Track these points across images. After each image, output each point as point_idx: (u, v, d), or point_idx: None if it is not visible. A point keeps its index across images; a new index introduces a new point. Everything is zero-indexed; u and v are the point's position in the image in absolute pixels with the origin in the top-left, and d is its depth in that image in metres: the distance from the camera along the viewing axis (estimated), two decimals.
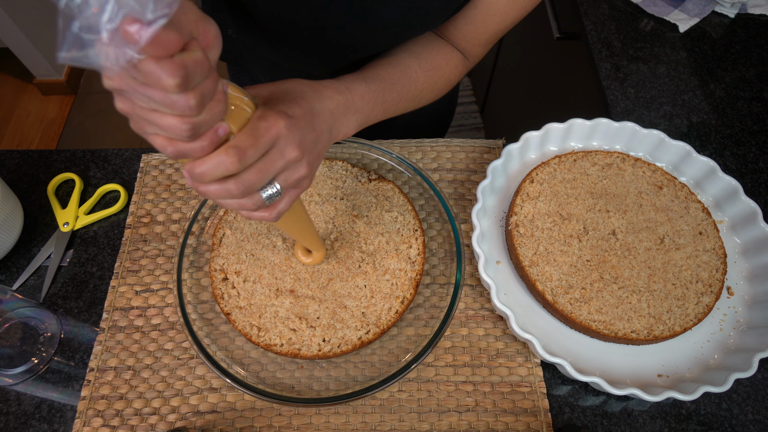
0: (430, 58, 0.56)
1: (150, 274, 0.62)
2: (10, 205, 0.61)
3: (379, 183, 0.65)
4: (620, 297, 0.55)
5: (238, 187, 0.35)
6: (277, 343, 0.55)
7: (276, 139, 0.36)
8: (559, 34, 0.96)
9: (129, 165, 0.70)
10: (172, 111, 0.28)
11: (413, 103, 0.56)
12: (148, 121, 0.30)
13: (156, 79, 0.26)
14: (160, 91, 0.27)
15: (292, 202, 0.41)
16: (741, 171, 0.68)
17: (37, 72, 1.96)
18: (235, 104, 0.34)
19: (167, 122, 0.29)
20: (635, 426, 0.53)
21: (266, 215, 0.39)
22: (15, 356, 0.56)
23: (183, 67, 0.26)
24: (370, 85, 0.49)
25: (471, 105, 1.93)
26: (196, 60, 0.27)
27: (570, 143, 0.66)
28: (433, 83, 0.57)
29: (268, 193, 0.38)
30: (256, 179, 0.35)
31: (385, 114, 0.52)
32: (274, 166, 0.36)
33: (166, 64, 0.25)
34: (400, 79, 0.53)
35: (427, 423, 0.54)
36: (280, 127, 0.36)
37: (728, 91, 0.75)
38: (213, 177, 0.33)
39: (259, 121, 0.35)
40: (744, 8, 0.82)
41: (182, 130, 0.29)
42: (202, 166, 0.33)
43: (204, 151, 0.32)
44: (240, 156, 0.33)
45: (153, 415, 0.54)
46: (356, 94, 0.46)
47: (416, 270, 0.59)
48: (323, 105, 0.42)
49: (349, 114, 0.46)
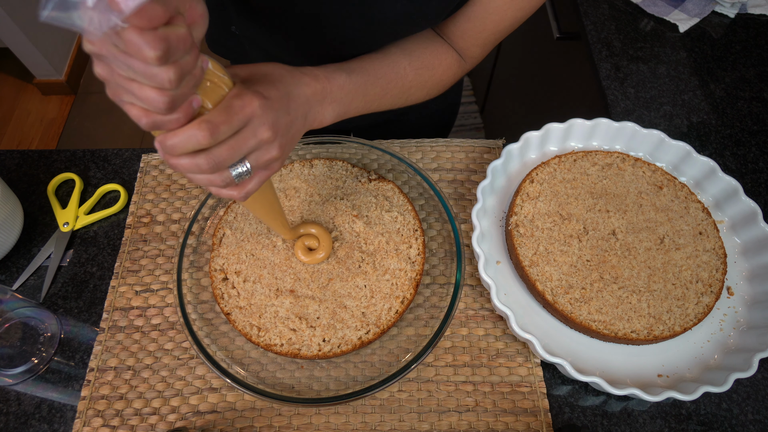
0: (422, 57, 0.56)
1: (150, 274, 0.62)
2: (10, 205, 0.61)
3: (379, 183, 0.65)
4: (620, 297, 0.55)
5: (208, 162, 0.35)
6: (277, 343, 0.55)
7: (249, 118, 0.36)
8: (559, 34, 0.96)
9: (129, 165, 0.70)
10: (150, 83, 0.29)
11: (400, 100, 0.56)
12: (126, 90, 0.30)
13: (137, 50, 0.26)
14: (141, 62, 0.27)
15: (261, 183, 0.41)
16: (741, 171, 0.68)
17: (37, 72, 1.96)
18: (213, 80, 0.34)
19: (145, 93, 0.29)
20: (635, 426, 0.53)
21: (234, 193, 0.39)
22: (15, 356, 0.56)
23: (165, 41, 0.26)
24: (352, 76, 0.49)
25: (471, 105, 1.93)
26: (179, 35, 0.27)
27: (570, 143, 0.66)
28: (423, 82, 0.57)
29: (238, 171, 0.38)
30: (227, 156, 0.36)
31: (367, 107, 0.52)
32: (246, 145, 0.37)
33: (149, 35, 0.26)
34: (387, 74, 0.53)
35: (427, 423, 0.54)
36: (255, 106, 0.36)
37: (728, 91, 0.75)
38: (184, 150, 0.34)
39: (234, 99, 0.35)
40: (744, 8, 0.82)
41: (159, 103, 0.30)
42: (174, 138, 0.33)
43: (178, 123, 0.33)
44: (212, 131, 0.33)
45: (153, 415, 0.54)
46: (335, 84, 0.47)
47: (416, 270, 0.59)
48: (300, 90, 0.42)
49: (326, 103, 0.46)
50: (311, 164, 0.66)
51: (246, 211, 0.63)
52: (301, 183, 0.64)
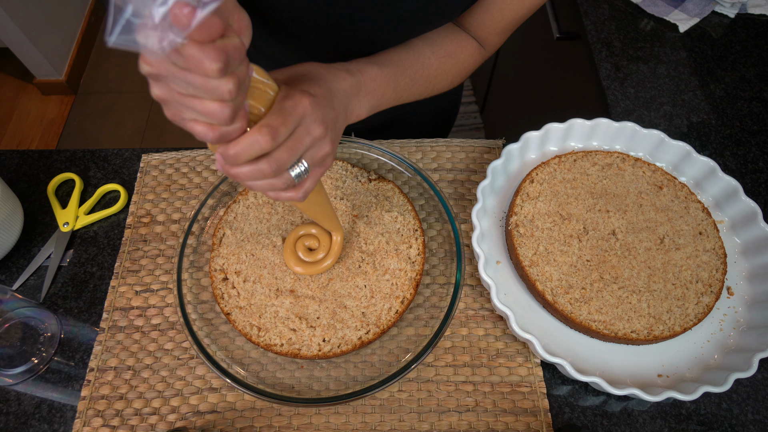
0: (444, 45, 0.56)
1: (150, 274, 0.62)
2: (10, 205, 0.61)
3: (379, 183, 0.65)
4: (620, 297, 0.55)
5: (271, 165, 0.35)
6: (277, 343, 0.55)
7: (302, 117, 0.37)
8: (559, 34, 0.96)
9: (129, 165, 0.70)
10: (211, 96, 0.29)
11: (427, 89, 0.57)
12: (187, 107, 0.30)
13: (198, 64, 0.27)
14: (201, 77, 0.28)
15: (317, 181, 0.42)
16: (741, 171, 0.68)
17: (37, 72, 1.96)
18: (259, 86, 0.35)
19: (207, 107, 0.30)
20: (635, 426, 0.53)
21: (293, 195, 0.40)
22: (15, 356, 0.56)
23: (224, 52, 0.27)
24: (383, 68, 0.50)
25: (471, 105, 1.93)
26: (235, 46, 0.28)
27: (570, 143, 0.66)
28: (447, 69, 0.57)
29: (297, 172, 0.39)
30: (287, 157, 0.36)
31: (398, 98, 0.53)
32: (303, 144, 0.37)
33: (209, 49, 0.26)
34: (413, 64, 0.54)
35: (427, 423, 0.54)
36: (306, 105, 0.37)
37: (728, 91, 0.75)
38: (247, 157, 0.34)
39: (284, 100, 0.36)
40: (744, 8, 0.82)
41: (223, 115, 0.30)
42: (237, 146, 0.34)
43: (242, 132, 0.33)
44: (273, 134, 0.34)
45: (153, 415, 0.54)
46: (368, 77, 0.48)
47: (416, 270, 0.59)
48: (338, 85, 0.43)
49: (361, 95, 0.47)
50: None
51: (246, 211, 0.63)
52: None
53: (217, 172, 0.68)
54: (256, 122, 0.35)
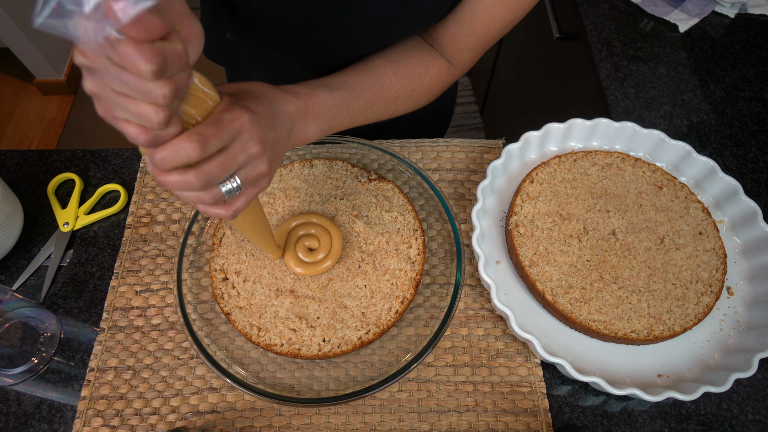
0: (408, 66, 0.55)
1: (150, 274, 0.62)
2: (10, 205, 0.61)
3: (379, 183, 0.65)
4: (620, 297, 0.55)
5: (199, 178, 0.34)
6: (277, 343, 0.55)
7: (239, 132, 0.36)
8: (559, 34, 0.96)
9: (129, 165, 0.70)
10: (144, 98, 0.28)
11: (387, 111, 0.56)
12: (120, 106, 0.29)
13: (132, 62, 0.25)
14: (135, 76, 0.27)
15: (250, 201, 0.40)
16: (741, 171, 0.68)
17: (37, 72, 1.96)
18: (199, 95, 0.34)
19: (142, 109, 0.28)
20: (635, 426, 0.53)
21: (222, 212, 0.39)
22: (15, 356, 0.56)
23: (161, 55, 0.26)
24: (334, 92, 0.48)
25: (471, 105, 1.93)
26: (175, 51, 0.27)
27: (570, 143, 0.66)
28: (410, 91, 0.56)
29: (228, 188, 0.37)
30: (217, 171, 0.35)
31: (354, 121, 0.52)
32: (236, 160, 0.36)
33: (145, 48, 0.25)
34: (371, 86, 0.52)
35: (427, 423, 0.54)
36: (244, 120, 0.36)
37: (728, 91, 0.75)
38: (174, 163, 0.33)
39: (223, 112, 0.35)
40: (744, 8, 0.82)
41: (155, 118, 0.29)
42: (163, 151, 0.32)
43: (171, 137, 0.32)
44: (202, 143, 0.32)
45: (153, 415, 0.54)
46: (317, 101, 0.46)
47: (416, 270, 0.59)
48: (283, 107, 0.42)
49: (309, 119, 0.46)
50: (311, 164, 0.66)
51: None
52: (301, 183, 0.64)
53: None
54: None
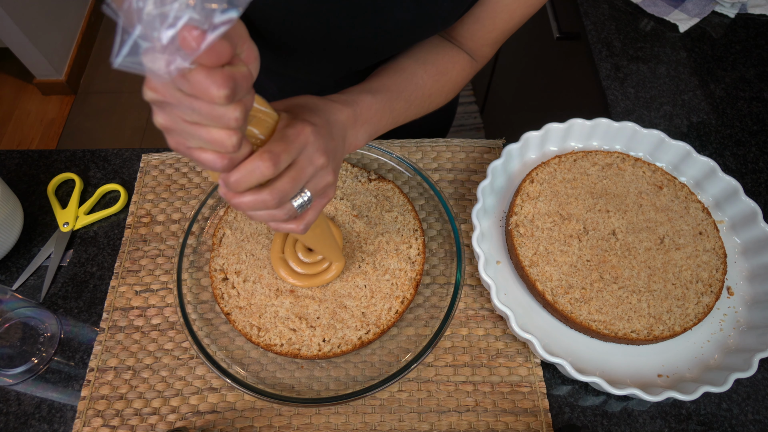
0: (436, 63, 0.56)
1: (150, 274, 0.62)
2: (10, 205, 0.61)
3: (379, 183, 0.65)
4: (620, 297, 0.55)
5: (273, 196, 0.35)
6: (277, 343, 0.55)
7: (305, 145, 0.36)
8: (559, 34, 0.96)
9: (129, 165, 0.70)
10: (217, 124, 0.29)
11: (423, 109, 0.57)
12: (192, 135, 0.30)
13: (205, 90, 0.26)
14: (206, 104, 0.27)
15: (319, 212, 0.41)
16: (741, 171, 0.68)
17: (37, 72, 1.96)
18: (261, 115, 0.35)
19: (215, 135, 0.29)
20: (635, 426, 0.53)
21: (294, 226, 0.39)
22: (15, 356, 0.56)
23: (232, 79, 0.26)
24: (377, 96, 0.49)
25: (471, 105, 1.93)
26: (243, 74, 0.27)
27: (570, 143, 0.66)
28: (441, 87, 0.57)
29: (300, 202, 0.38)
30: (290, 187, 0.36)
31: (395, 122, 0.53)
32: (305, 173, 0.37)
33: (217, 74, 0.26)
34: (407, 87, 0.53)
35: (427, 423, 0.54)
36: (308, 133, 0.36)
37: (728, 91, 0.75)
38: (248, 184, 0.34)
39: (286, 128, 0.36)
40: (744, 8, 0.82)
41: (231, 142, 0.30)
42: (238, 173, 0.33)
43: (243, 159, 0.33)
44: (274, 160, 0.33)
45: (153, 415, 0.54)
46: (363, 106, 0.47)
47: (416, 270, 0.59)
48: (336, 117, 0.43)
49: (358, 125, 0.46)
50: None
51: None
52: None
53: None
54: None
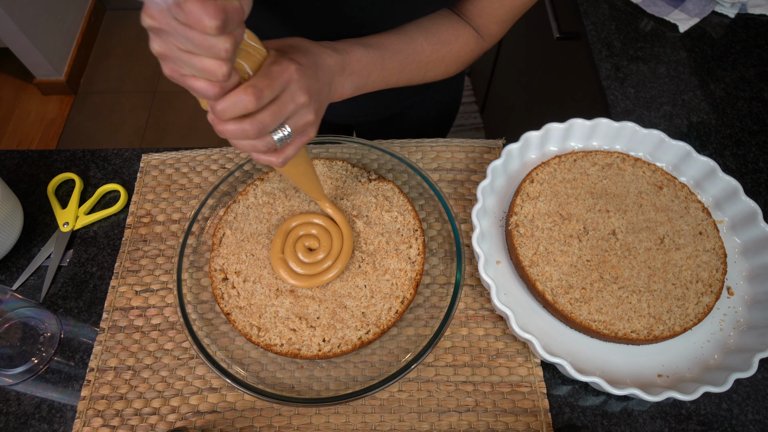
0: (439, 32, 0.56)
1: (150, 274, 0.62)
2: (10, 205, 0.61)
3: (379, 183, 0.65)
4: (620, 297, 0.55)
5: (254, 126, 0.37)
6: (277, 343, 0.55)
7: (288, 83, 0.38)
8: (559, 34, 0.96)
9: (129, 165, 0.70)
10: (208, 53, 0.31)
11: (418, 75, 0.57)
12: (186, 63, 0.32)
13: (198, 20, 0.28)
14: (200, 33, 0.29)
15: (299, 149, 0.43)
16: (741, 171, 0.68)
17: (37, 72, 1.96)
18: (251, 50, 0.37)
19: (207, 64, 0.31)
20: (635, 426, 0.53)
21: (274, 159, 0.42)
22: (15, 356, 0.56)
23: (223, 11, 0.29)
24: (369, 50, 0.50)
25: (471, 105, 1.93)
26: (234, 7, 0.30)
27: (570, 143, 0.66)
28: (441, 57, 0.58)
29: (279, 136, 0.40)
30: (270, 120, 0.38)
31: (386, 81, 0.54)
32: (287, 109, 0.39)
33: (209, 6, 0.28)
34: (404, 48, 0.54)
35: (427, 423, 0.54)
36: (292, 71, 0.39)
37: (728, 91, 0.75)
38: (232, 114, 0.36)
39: (272, 65, 0.38)
40: (744, 8, 0.82)
41: (221, 72, 0.32)
42: (223, 103, 0.35)
43: (232, 89, 0.35)
44: (257, 95, 0.36)
45: (153, 415, 0.54)
46: (353, 57, 0.49)
47: (416, 270, 0.59)
48: (324, 60, 0.45)
49: (346, 74, 0.48)
50: None
51: (246, 211, 0.63)
52: None
53: (217, 172, 0.69)
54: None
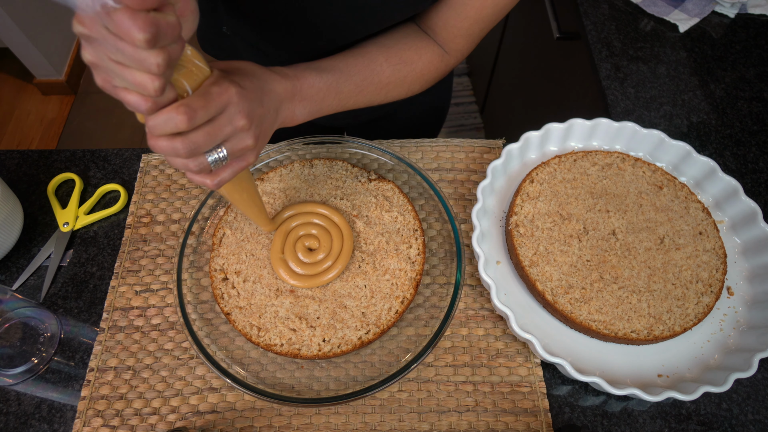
0: (400, 52, 0.56)
1: (150, 274, 0.62)
2: (10, 205, 0.61)
3: (379, 183, 0.65)
4: (620, 297, 0.55)
5: (185, 146, 0.35)
6: (277, 343, 0.55)
7: (226, 105, 0.37)
8: (559, 34, 0.96)
9: (129, 165, 0.70)
10: (139, 67, 0.29)
11: (378, 96, 0.56)
12: (117, 75, 0.31)
13: (127, 31, 0.27)
14: (130, 45, 0.28)
15: (235, 173, 0.41)
16: (741, 171, 0.68)
17: (37, 72, 1.96)
18: (190, 67, 0.35)
19: (137, 78, 0.30)
20: (635, 426, 0.53)
21: (208, 181, 0.40)
22: (15, 356, 0.56)
23: (154, 25, 0.27)
24: (323, 75, 0.49)
25: (471, 105, 1.93)
26: (168, 22, 0.28)
27: (570, 143, 0.66)
28: (402, 77, 0.57)
29: (214, 158, 0.38)
30: (203, 141, 0.36)
31: (343, 105, 0.53)
32: (222, 131, 0.37)
33: (139, 18, 0.27)
34: (361, 71, 0.53)
35: (427, 423, 0.54)
36: (232, 93, 0.37)
37: (728, 91, 0.75)
38: (163, 131, 0.34)
39: (211, 85, 0.36)
40: (744, 8, 0.82)
41: (153, 87, 0.30)
42: (155, 119, 0.34)
43: (168, 104, 0.34)
44: (190, 115, 0.34)
45: (153, 415, 0.54)
46: (305, 83, 0.48)
47: (416, 270, 0.59)
48: (271, 86, 0.44)
49: (296, 100, 0.47)
50: (311, 164, 0.66)
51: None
52: (301, 183, 0.64)
53: None
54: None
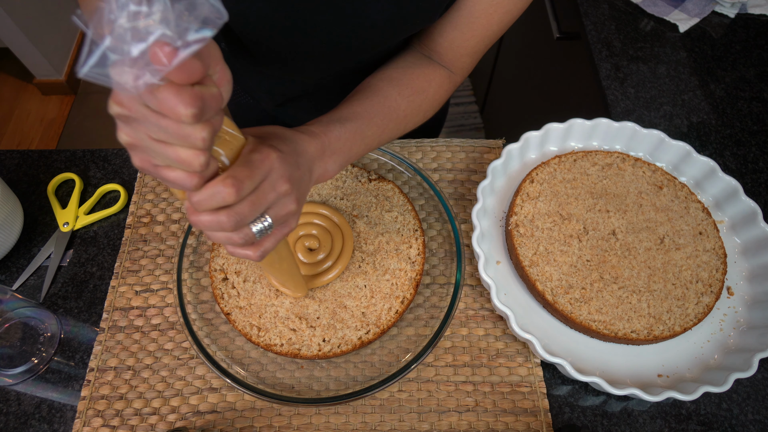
0: (411, 83, 0.55)
1: (150, 274, 0.62)
2: (10, 205, 0.61)
3: (379, 183, 0.65)
4: (620, 297, 0.55)
5: (230, 218, 0.34)
6: (277, 343, 0.55)
7: (269, 171, 0.35)
8: (559, 34, 0.96)
9: (129, 165, 0.70)
10: (183, 143, 0.28)
11: (399, 130, 0.56)
12: (158, 153, 0.29)
13: (173, 107, 0.26)
14: (173, 122, 0.27)
15: (278, 241, 0.40)
16: (741, 171, 0.68)
17: (37, 72, 1.96)
18: (228, 137, 0.34)
19: (181, 155, 0.29)
20: (635, 426, 0.53)
21: (251, 253, 0.38)
22: (15, 356, 0.56)
23: (200, 99, 0.26)
24: (346, 125, 0.48)
25: (471, 105, 1.93)
26: (212, 94, 0.27)
27: (570, 143, 0.66)
28: (417, 107, 0.56)
29: (259, 227, 0.36)
30: (249, 212, 0.35)
31: (369, 148, 0.52)
32: (267, 199, 0.36)
33: (185, 93, 0.25)
34: (380, 111, 0.52)
35: (427, 423, 0.54)
36: (273, 159, 0.36)
37: (728, 91, 0.75)
38: (209, 206, 0.33)
39: (252, 153, 0.35)
40: (744, 8, 0.82)
41: (198, 162, 0.29)
42: (200, 194, 0.32)
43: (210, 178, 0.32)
44: (237, 186, 0.32)
45: (153, 415, 0.54)
46: (332, 137, 0.46)
47: (416, 270, 0.59)
48: (303, 147, 0.42)
49: (326, 156, 0.46)
50: None
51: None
52: None
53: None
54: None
